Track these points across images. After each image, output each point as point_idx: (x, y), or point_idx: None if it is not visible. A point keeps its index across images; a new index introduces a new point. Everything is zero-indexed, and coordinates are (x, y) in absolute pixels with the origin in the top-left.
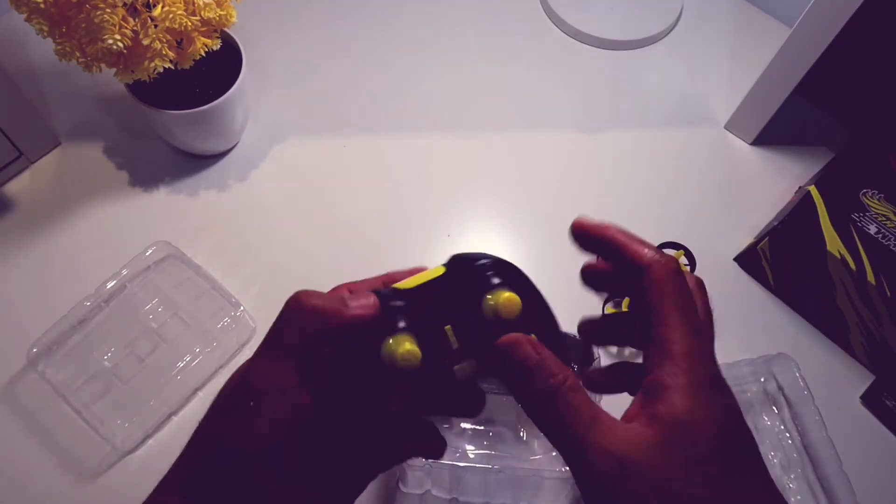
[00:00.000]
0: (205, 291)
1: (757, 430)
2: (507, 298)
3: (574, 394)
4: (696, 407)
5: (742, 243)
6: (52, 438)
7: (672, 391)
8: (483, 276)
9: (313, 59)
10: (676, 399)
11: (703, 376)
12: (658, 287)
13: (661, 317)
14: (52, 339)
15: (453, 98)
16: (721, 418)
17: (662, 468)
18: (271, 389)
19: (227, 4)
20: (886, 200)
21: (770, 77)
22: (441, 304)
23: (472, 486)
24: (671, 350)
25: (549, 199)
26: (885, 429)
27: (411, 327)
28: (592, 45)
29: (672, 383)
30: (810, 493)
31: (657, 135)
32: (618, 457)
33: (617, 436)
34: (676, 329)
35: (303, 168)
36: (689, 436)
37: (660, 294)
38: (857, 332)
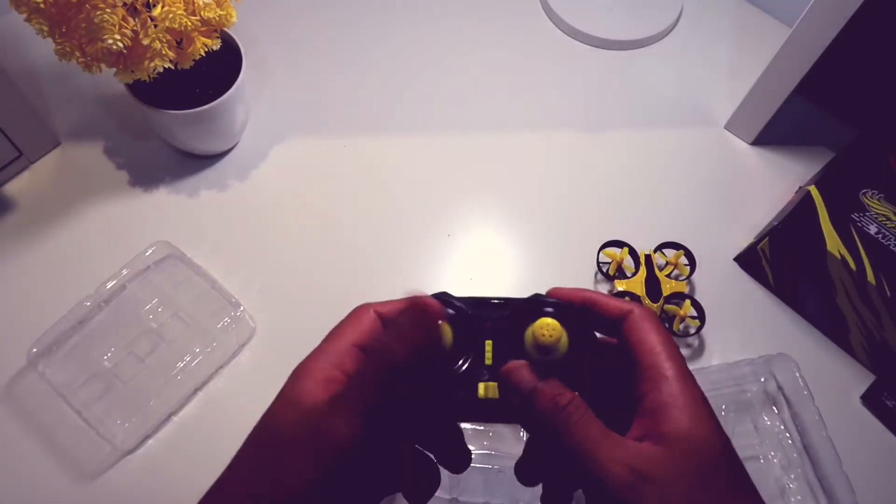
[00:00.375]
0: (205, 291)
1: (757, 430)
2: (546, 323)
3: (584, 411)
4: (699, 424)
5: (742, 243)
6: (52, 438)
7: (674, 410)
8: (539, 310)
9: (313, 59)
10: (680, 417)
11: (698, 395)
12: (641, 325)
13: (648, 347)
14: (52, 339)
15: (453, 98)
16: (720, 434)
17: (679, 481)
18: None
19: (227, 4)
20: (886, 200)
21: (770, 77)
22: (493, 324)
23: (472, 486)
24: (665, 374)
25: (548, 199)
26: (885, 429)
27: (454, 324)
28: (592, 45)
29: (673, 403)
30: (810, 493)
31: (657, 135)
32: (637, 469)
33: (631, 450)
34: (666, 357)
35: (303, 168)
36: (698, 451)
37: (644, 331)
38: (857, 332)
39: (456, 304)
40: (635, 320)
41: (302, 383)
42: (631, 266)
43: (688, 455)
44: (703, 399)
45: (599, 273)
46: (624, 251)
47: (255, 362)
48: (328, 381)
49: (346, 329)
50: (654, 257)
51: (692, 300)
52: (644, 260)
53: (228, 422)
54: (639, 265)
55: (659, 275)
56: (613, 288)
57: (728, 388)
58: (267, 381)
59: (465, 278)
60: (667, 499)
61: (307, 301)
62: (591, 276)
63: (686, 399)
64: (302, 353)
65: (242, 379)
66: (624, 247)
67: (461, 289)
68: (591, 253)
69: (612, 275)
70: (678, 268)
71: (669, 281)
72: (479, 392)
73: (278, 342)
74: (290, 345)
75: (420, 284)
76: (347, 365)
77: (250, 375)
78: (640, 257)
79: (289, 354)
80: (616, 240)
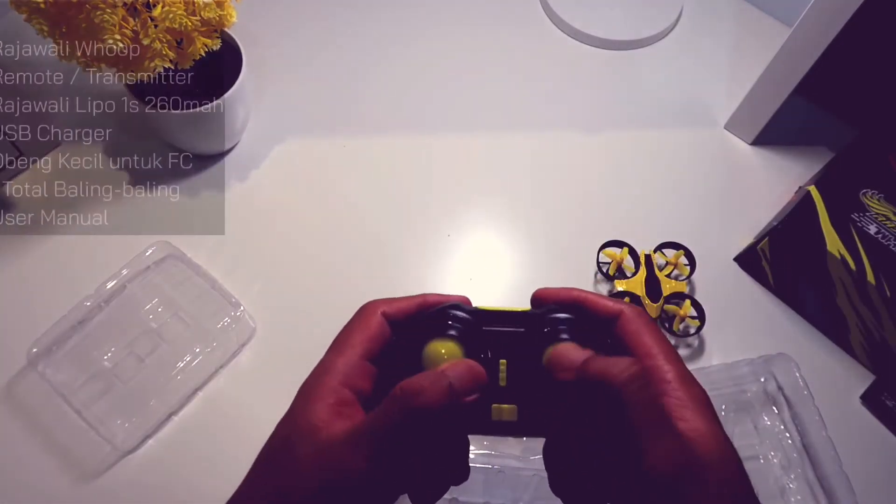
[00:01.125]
0: (205, 291)
1: (757, 430)
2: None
3: (647, 385)
4: (709, 425)
5: (742, 243)
6: (52, 438)
7: (683, 411)
8: (556, 328)
9: (314, 59)
10: (690, 417)
11: (702, 396)
12: (635, 327)
13: (645, 350)
14: (52, 339)
15: (453, 98)
16: (725, 435)
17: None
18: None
19: (227, 4)
20: (886, 200)
21: (770, 77)
22: (508, 340)
23: (472, 486)
24: (666, 378)
25: (548, 199)
26: (885, 429)
27: (464, 342)
28: (592, 45)
29: (679, 405)
30: (810, 493)
31: (657, 135)
32: (690, 448)
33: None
34: (664, 359)
35: (303, 168)
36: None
37: (638, 333)
38: (857, 332)
39: (468, 319)
40: (628, 321)
41: (314, 406)
42: (631, 266)
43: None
44: (708, 402)
45: (599, 273)
46: (624, 251)
47: (255, 362)
48: (341, 405)
49: (354, 337)
50: (654, 257)
51: (692, 300)
52: (644, 260)
53: (229, 422)
54: (639, 265)
55: (659, 275)
56: (613, 288)
57: (728, 388)
58: (267, 381)
59: (466, 278)
60: (721, 483)
61: (307, 301)
62: (591, 276)
63: (693, 402)
64: (302, 353)
65: (242, 379)
66: (624, 247)
67: (461, 289)
68: (591, 253)
69: (612, 275)
70: (678, 268)
71: (669, 281)
72: (493, 415)
73: (278, 342)
74: (290, 345)
75: (420, 284)
76: (359, 382)
77: (250, 375)
78: (640, 257)
79: (289, 354)
80: (616, 240)
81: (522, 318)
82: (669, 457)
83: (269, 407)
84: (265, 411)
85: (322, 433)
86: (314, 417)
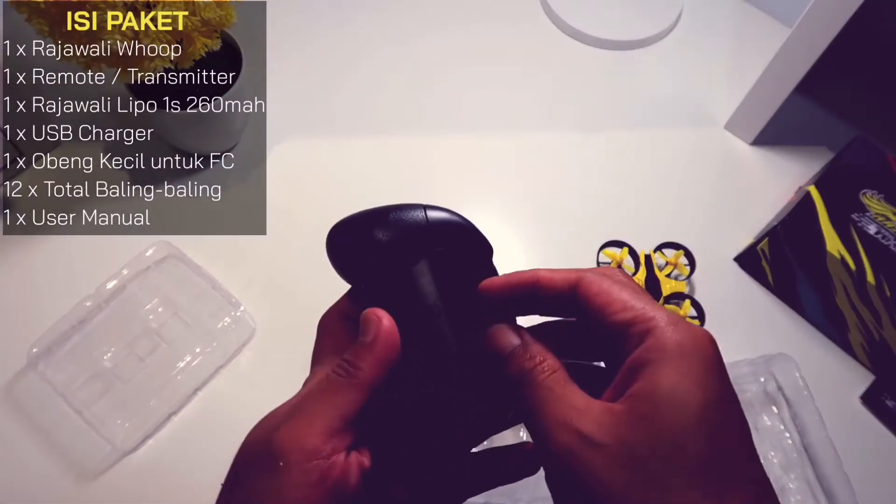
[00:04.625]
0: (205, 291)
1: (757, 430)
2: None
3: (554, 371)
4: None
5: (742, 243)
6: (52, 438)
7: (656, 364)
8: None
9: (313, 59)
10: (662, 371)
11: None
12: (602, 287)
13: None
14: (52, 339)
15: (453, 98)
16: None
17: (639, 447)
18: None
19: (227, 4)
20: (886, 200)
21: (770, 77)
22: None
23: None
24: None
25: (548, 199)
26: (885, 429)
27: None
28: (592, 45)
29: (656, 357)
30: (810, 493)
31: (657, 135)
32: (581, 432)
33: (584, 414)
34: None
35: (303, 168)
36: (665, 411)
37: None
38: (856, 332)
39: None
40: (591, 284)
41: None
42: (631, 266)
43: (653, 415)
44: (703, 345)
45: None
46: (624, 251)
47: (255, 362)
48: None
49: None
50: (653, 257)
51: (692, 300)
52: (644, 260)
53: (228, 422)
54: (639, 265)
55: (659, 275)
56: None
57: None
58: (267, 381)
59: None
60: (618, 469)
61: (307, 301)
62: None
63: (677, 349)
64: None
65: (242, 379)
66: (624, 247)
67: None
68: (591, 253)
69: None
70: (678, 268)
71: (669, 281)
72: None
73: (278, 342)
74: (290, 345)
75: None
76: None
77: (250, 375)
78: (639, 257)
79: (289, 354)
80: (616, 240)
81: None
82: (562, 433)
83: (269, 407)
84: (265, 411)
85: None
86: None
